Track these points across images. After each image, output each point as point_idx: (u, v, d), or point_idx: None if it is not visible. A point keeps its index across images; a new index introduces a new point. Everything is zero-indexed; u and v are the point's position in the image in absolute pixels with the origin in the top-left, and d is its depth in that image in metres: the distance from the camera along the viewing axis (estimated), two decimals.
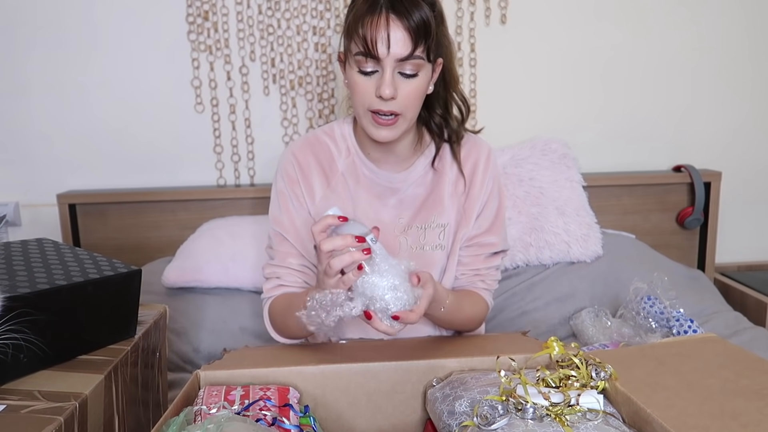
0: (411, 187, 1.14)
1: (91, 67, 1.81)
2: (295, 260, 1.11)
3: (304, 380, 0.88)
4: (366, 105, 1.02)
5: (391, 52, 0.97)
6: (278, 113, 1.88)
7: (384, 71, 0.98)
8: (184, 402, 0.79)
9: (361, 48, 0.98)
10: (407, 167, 1.14)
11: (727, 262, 2.06)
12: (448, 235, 1.14)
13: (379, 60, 0.98)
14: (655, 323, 1.33)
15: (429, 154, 1.15)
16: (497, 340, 1.10)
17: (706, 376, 0.77)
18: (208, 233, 1.68)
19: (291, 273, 1.11)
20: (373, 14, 0.97)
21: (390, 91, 0.98)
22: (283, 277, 1.11)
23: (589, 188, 1.83)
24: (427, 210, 1.14)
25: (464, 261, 1.15)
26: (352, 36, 0.99)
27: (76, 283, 0.80)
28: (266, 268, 1.14)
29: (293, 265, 1.11)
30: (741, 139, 2.01)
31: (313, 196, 1.13)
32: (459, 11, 1.85)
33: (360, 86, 1.01)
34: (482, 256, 1.15)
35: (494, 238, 1.15)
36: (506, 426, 0.70)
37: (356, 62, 1.00)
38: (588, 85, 1.93)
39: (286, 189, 1.13)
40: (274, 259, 1.13)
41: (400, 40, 0.97)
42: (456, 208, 1.14)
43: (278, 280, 1.11)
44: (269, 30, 1.82)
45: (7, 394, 0.71)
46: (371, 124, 1.03)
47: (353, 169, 1.14)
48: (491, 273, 1.17)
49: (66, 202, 1.80)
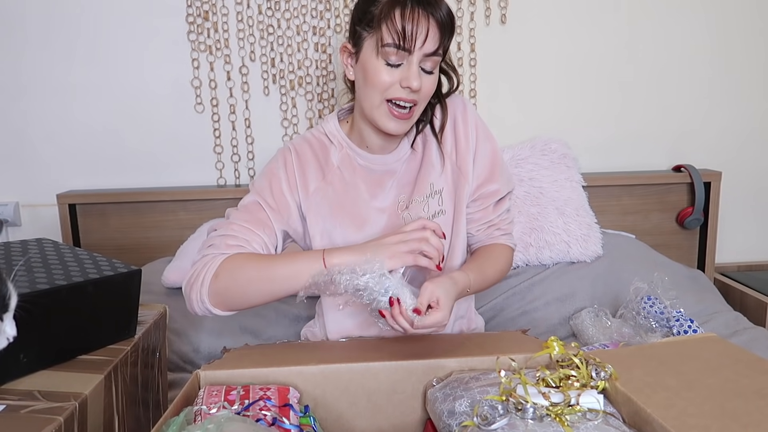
0: (404, 164, 1.15)
1: (92, 67, 1.81)
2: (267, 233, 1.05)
3: (304, 380, 0.88)
4: (385, 94, 1.02)
5: (424, 47, 0.99)
6: (278, 113, 1.88)
7: (411, 64, 1.00)
8: (184, 402, 0.79)
9: (396, 38, 0.98)
10: (396, 147, 1.15)
11: (727, 262, 2.06)
12: (446, 199, 1.14)
13: (410, 53, 0.99)
14: (655, 323, 1.33)
15: (411, 132, 1.16)
16: (497, 340, 1.10)
17: (707, 376, 0.77)
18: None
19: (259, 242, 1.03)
20: (405, 6, 0.98)
21: (418, 83, 1.00)
22: (252, 241, 1.03)
23: (589, 188, 1.83)
24: (422, 181, 1.14)
25: (475, 217, 1.17)
26: (383, 24, 0.99)
27: (76, 283, 0.80)
28: (228, 227, 1.04)
29: (264, 236, 1.04)
30: (741, 139, 2.01)
31: (306, 188, 1.11)
32: (459, 11, 1.85)
33: (382, 75, 1.01)
34: (490, 207, 1.17)
35: (495, 185, 1.16)
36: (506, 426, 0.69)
37: (384, 53, 1.00)
38: (588, 85, 1.93)
39: (279, 172, 1.11)
40: (243, 222, 1.05)
41: (434, 36, 0.99)
42: (450, 170, 1.15)
43: (245, 242, 1.02)
44: (269, 30, 1.82)
45: (7, 394, 0.71)
46: (386, 115, 1.04)
47: (348, 160, 1.14)
48: (504, 218, 1.19)
49: (66, 202, 1.80)
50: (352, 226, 1.10)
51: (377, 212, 1.13)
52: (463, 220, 1.16)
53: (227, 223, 1.06)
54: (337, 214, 1.11)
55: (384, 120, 1.04)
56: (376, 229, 1.12)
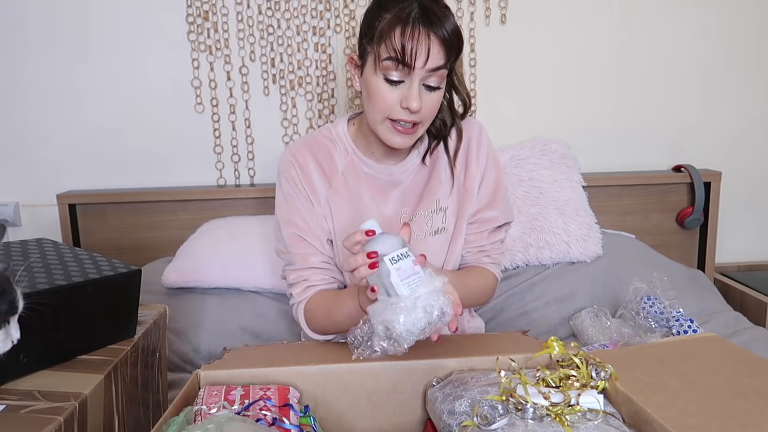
0: (410, 176, 1.15)
1: (91, 68, 1.81)
2: (317, 258, 1.11)
3: (304, 380, 0.88)
4: (386, 113, 1.02)
5: (427, 65, 0.97)
6: (278, 113, 1.88)
7: (412, 82, 0.99)
8: (184, 402, 0.79)
9: (396, 56, 0.97)
10: (404, 158, 1.15)
11: (727, 262, 2.06)
12: (449, 218, 1.15)
13: (411, 70, 0.98)
14: (655, 323, 1.33)
15: (422, 145, 1.16)
16: (497, 340, 1.10)
17: (707, 376, 0.77)
18: (208, 233, 1.68)
19: (316, 272, 1.11)
20: (407, 24, 0.96)
21: (417, 104, 0.98)
22: (309, 278, 1.11)
23: (589, 188, 1.82)
24: (428, 196, 1.15)
25: (467, 239, 1.17)
26: (383, 42, 0.98)
27: (75, 283, 0.80)
28: (290, 274, 1.13)
29: (316, 264, 1.11)
30: (741, 139, 2.01)
31: (317, 197, 1.13)
32: (459, 11, 1.85)
33: (383, 95, 1.00)
34: (485, 232, 1.17)
35: (494, 212, 1.16)
36: (506, 426, 0.69)
37: (384, 69, 0.99)
38: (588, 85, 1.93)
39: (293, 189, 1.13)
40: (295, 263, 1.12)
41: (437, 54, 0.97)
42: (456, 190, 1.15)
43: (306, 282, 1.11)
44: (269, 30, 1.82)
45: (7, 394, 0.71)
46: (389, 130, 1.03)
47: (353, 167, 1.14)
48: (496, 247, 1.18)
49: (66, 202, 1.80)
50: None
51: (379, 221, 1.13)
52: (461, 240, 1.16)
53: (286, 269, 1.14)
54: (343, 221, 1.12)
55: (387, 135, 1.04)
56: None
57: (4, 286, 0.65)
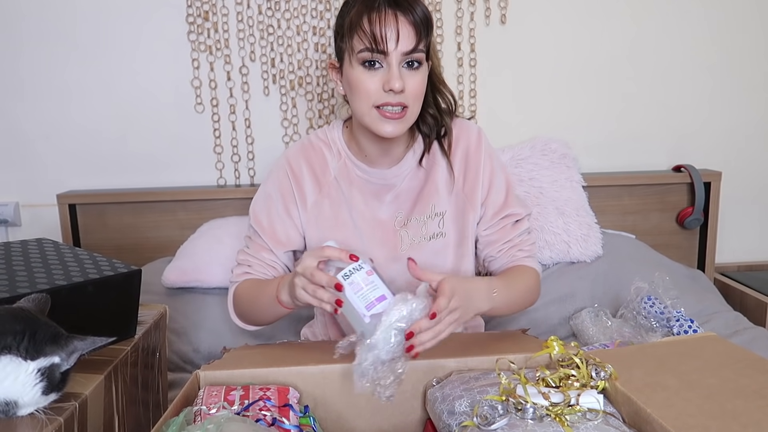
0: (405, 180, 1.15)
1: (91, 67, 1.81)
2: (267, 255, 1.14)
3: (304, 380, 0.88)
4: (372, 101, 1.02)
5: (398, 47, 0.99)
6: (278, 113, 1.88)
7: (390, 66, 1.00)
8: (183, 402, 0.79)
9: (368, 44, 0.98)
10: (398, 162, 1.15)
11: (727, 262, 2.06)
12: (447, 223, 1.15)
13: (386, 55, 0.99)
14: (656, 323, 1.33)
15: (418, 148, 1.16)
16: (497, 339, 1.10)
17: (707, 376, 0.77)
18: (208, 233, 1.68)
19: (262, 265, 1.14)
20: (374, 10, 0.98)
21: (400, 84, 0.99)
22: (253, 266, 1.14)
23: (589, 188, 1.82)
24: (423, 201, 1.14)
25: (493, 238, 1.16)
26: (354, 33, 1.00)
27: (76, 283, 0.80)
28: (240, 254, 1.17)
29: (265, 259, 1.14)
30: (741, 139, 2.01)
31: (305, 202, 1.14)
32: (459, 11, 1.85)
33: (365, 83, 1.01)
34: (508, 226, 1.17)
35: (511, 209, 1.17)
36: (506, 426, 0.70)
37: (360, 59, 1.00)
38: (588, 85, 1.93)
39: (275, 195, 1.15)
40: (249, 248, 1.16)
41: (407, 35, 0.99)
42: (455, 195, 1.15)
43: (248, 268, 1.14)
44: (269, 30, 1.82)
45: None
46: (378, 119, 1.03)
47: (345, 172, 1.14)
48: (524, 238, 1.18)
49: (66, 202, 1.80)
50: (348, 239, 1.11)
51: (373, 225, 1.13)
52: (469, 245, 1.16)
53: (241, 249, 1.19)
54: (333, 226, 1.12)
55: (377, 124, 1.03)
56: (371, 242, 1.12)
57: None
